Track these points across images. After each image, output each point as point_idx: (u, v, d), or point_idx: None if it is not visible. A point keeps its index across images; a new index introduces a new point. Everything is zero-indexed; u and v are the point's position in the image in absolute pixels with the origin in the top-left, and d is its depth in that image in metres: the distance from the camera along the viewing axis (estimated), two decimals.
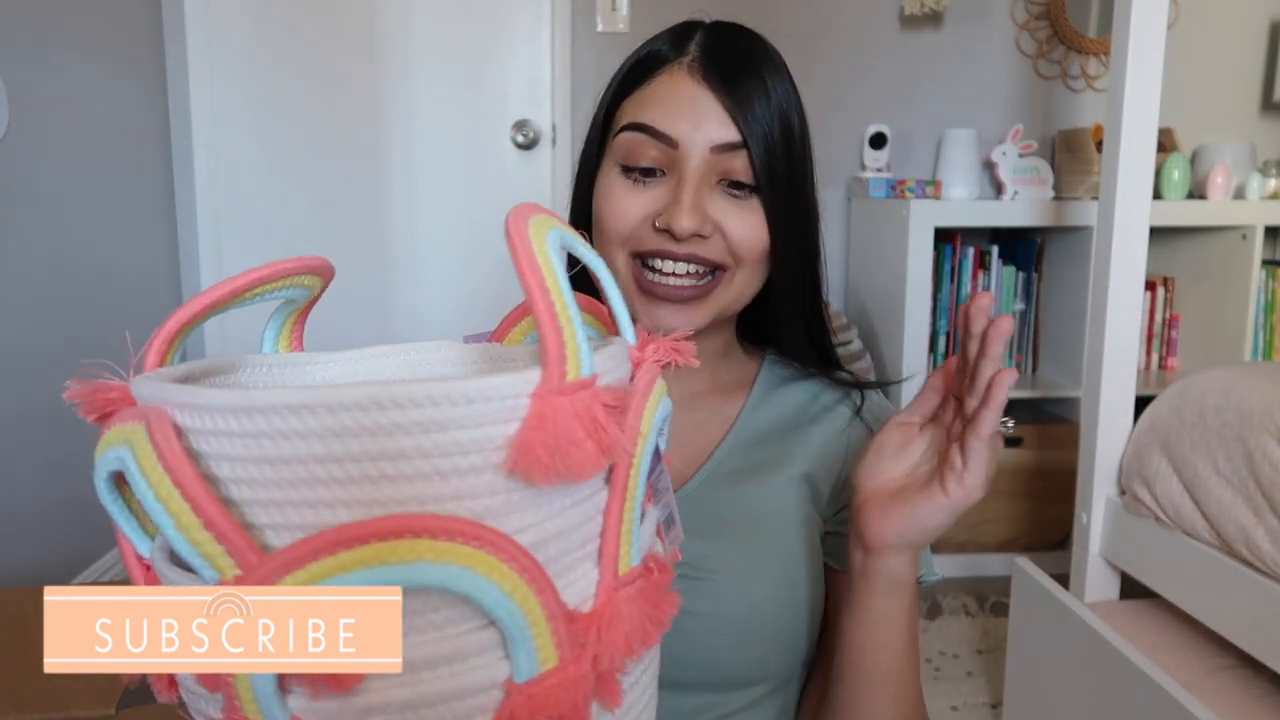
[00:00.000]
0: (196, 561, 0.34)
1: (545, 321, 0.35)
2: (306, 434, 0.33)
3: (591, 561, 0.39)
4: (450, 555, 0.33)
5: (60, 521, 1.79)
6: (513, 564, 0.34)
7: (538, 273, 0.36)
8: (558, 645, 0.36)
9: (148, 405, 0.36)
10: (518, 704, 0.35)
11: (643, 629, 0.39)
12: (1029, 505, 2.24)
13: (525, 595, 0.34)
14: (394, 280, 2.46)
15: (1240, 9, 2.53)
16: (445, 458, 0.34)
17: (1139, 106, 1.40)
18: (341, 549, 0.32)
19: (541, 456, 0.34)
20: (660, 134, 0.64)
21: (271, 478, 0.34)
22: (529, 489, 0.35)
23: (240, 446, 0.34)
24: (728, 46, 0.66)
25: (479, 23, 2.37)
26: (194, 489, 0.33)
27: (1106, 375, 1.46)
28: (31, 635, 1.19)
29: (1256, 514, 1.17)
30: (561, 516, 0.37)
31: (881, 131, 2.32)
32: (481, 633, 0.35)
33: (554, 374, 0.35)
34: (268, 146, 2.35)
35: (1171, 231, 2.30)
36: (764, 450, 0.72)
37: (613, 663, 0.38)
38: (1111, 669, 1.24)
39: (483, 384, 0.34)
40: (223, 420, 0.34)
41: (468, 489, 0.34)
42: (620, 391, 0.38)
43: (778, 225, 0.66)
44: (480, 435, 0.34)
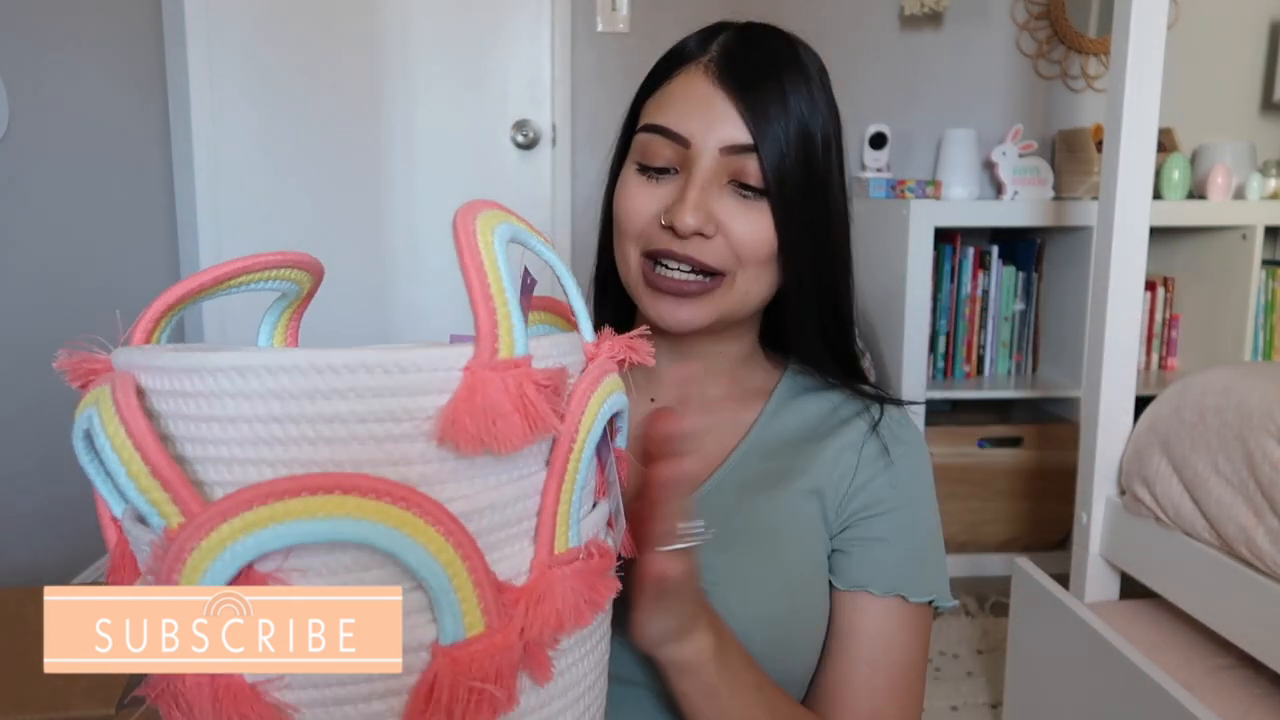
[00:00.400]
0: (145, 509, 0.36)
1: (479, 300, 0.38)
2: (250, 394, 0.35)
3: (528, 539, 0.40)
4: (378, 514, 0.34)
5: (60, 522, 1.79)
6: (439, 528, 0.35)
7: (476, 257, 0.38)
8: (484, 612, 0.37)
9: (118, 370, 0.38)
10: (443, 666, 0.36)
11: (576, 607, 0.40)
12: (1029, 505, 2.24)
13: (451, 559, 0.36)
14: (394, 280, 2.46)
15: (1240, 9, 2.53)
16: (379, 423, 0.36)
17: (1139, 106, 1.40)
18: (274, 500, 0.34)
19: (468, 426, 0.36)
20: (673, 134, 0.65)
21: (219, 436, 0.36)
22: (461, 460, 0.37)
23: (192, 406, 0.36)
24: (750, 48, 0.66)
25: (479, 23, 2.37)
26: (144, 439, 0.35)
27: (1106, 375, 1.46)
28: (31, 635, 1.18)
29: (1256, 514, 1.17)
30: (495, 491, 0.39)
31: (881, 131, 2.32)
32: (410, 594, 0.36)
33: (485, 350, 0.37)
34: (268, 146, 2.35)
35: (1171, 231, 2.30)
36: (777, 461, 0.70)
37: (541, 636, 0.39)
38: (1111, 669, 1.24)
39: (415, 355, 0.36)
40: (177, 380, 0.36)
41: (401, 455, 0.36)
42: (556, 373, 0.40)
43: (787, 231, 0.65)
44: (412, 404, 0.36)
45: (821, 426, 0.72)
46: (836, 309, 0.71)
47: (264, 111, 2.34)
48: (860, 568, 0.66)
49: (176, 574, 0.34)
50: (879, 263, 2.22)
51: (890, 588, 0.66)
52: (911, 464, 0.70)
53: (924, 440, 0.73)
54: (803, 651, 0.67)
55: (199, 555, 0.34)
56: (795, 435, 0.71)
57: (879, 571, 0.66)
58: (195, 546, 0.34)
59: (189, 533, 0.34)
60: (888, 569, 0.66)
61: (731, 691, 0.57)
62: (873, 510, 0.68)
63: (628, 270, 0.68)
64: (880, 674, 0.65)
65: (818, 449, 0.70)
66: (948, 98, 2.49)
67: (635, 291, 0.68)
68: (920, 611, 0.67)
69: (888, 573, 0.66)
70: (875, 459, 0.69)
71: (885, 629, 0.66)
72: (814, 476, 0.69)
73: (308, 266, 0.49)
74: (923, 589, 0.67)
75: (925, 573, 0.68)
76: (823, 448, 0.70)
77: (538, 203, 2.41)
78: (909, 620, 0.67)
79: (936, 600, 0.67)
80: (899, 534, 0.67)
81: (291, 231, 2.39)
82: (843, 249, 0.70)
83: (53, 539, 1.80)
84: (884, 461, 0.69)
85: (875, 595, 0.65)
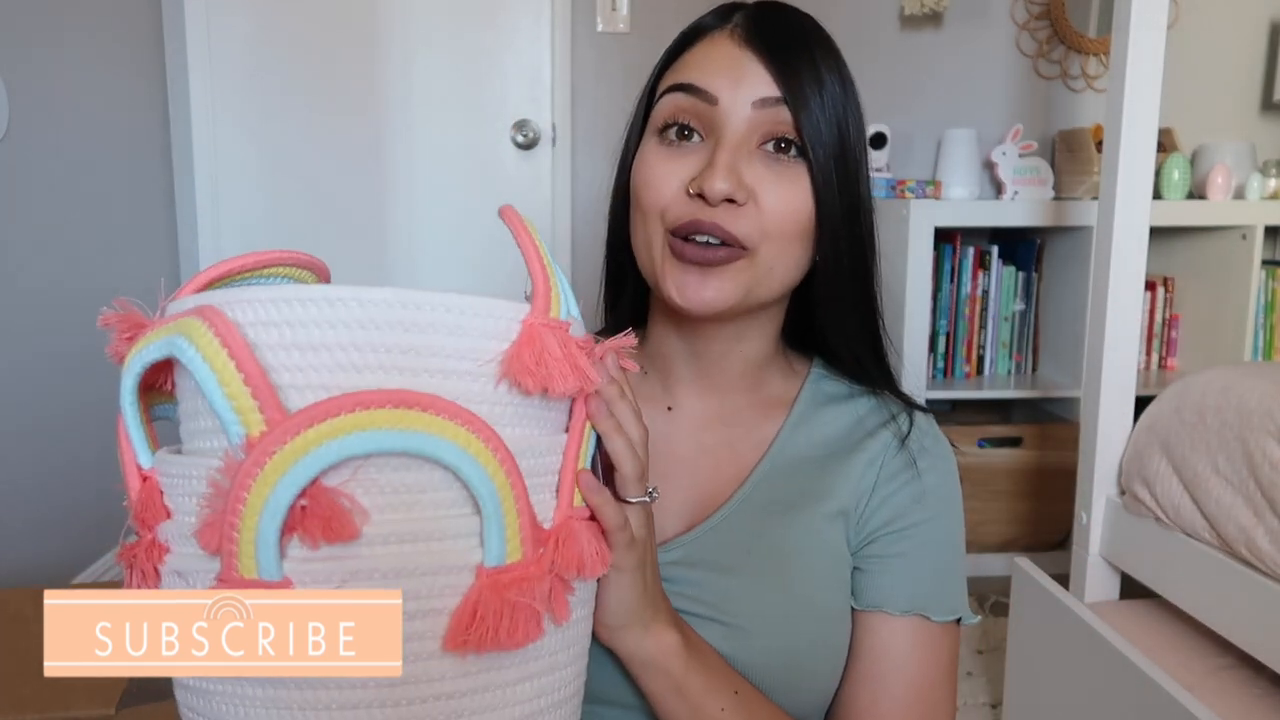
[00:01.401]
0: (229, 417, 0.37)
1: (536, 270, 0.45)
2: (336, 323, 0.39)
3: (550, 492, 0.45)
4: (449, 433, 0.38)
5: (60, 523, 1.79)
6: (496, 454, 0.40)
7: (531, 237, 0.46)
8: (523, 542, 0.41)
9: (199, 306, 0.40)
10: (485, 586, 0.40)
11: (591, 556, 0.45)
12: (1029, 505, 2.24)
13: (503, 483, 0.40)
14: (394, 280, 2.46)
15: (1240, 9, 2.53)
16: (449, 359, 0.41)
17: (1139, 106, 1.40)
18: (359, 408, 0.37)
19: (530, 366, 0.42)
20: (699, 90, 0.61)
21: (302, 363, 0.39)
22: (510, 405, 0.43)
23: (277, 334, 0.39)
24: (774, 17, 0.64)
25: (479, 23, 2.37)
26: (240, 350, 0.37)
27: (1106, 375, 1.46)
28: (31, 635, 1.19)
29: (1256, 514, 1.17)
30: (533, 439, 0.44)
31: (881, 131, 2.32)
32: (465, 520, 0.41)
33: (540, 308, 0.44)
34: (268, 146, 2.35)
35: (1171, 231, 2.30)
36: (800, 481, 0.66)
37: (566, 572, 0.44)
38: (1111, 669, 1.24)
39: (487, 302, 0.42)
40: (264, 310, 0.39)
41: (464, 391, 0.41)
42: (589, 339, 0.47)
43: (825, 198, 0.61)
44: (479, 346, 0.42)
45: (847, 440, 0.68)
46: (869, 296, 0.68)
47: (264, 111, 2.34)
48: (878, 587, 0.63)
49: (251, 479, 0.36)
50: None
51: (909, 607, 0.62)
52: (939, 477, 0.66)
53: (952, 452, 0.69)
54: (825, 679, 0.64)
55: (279, 460, 0.36)
56: (819, 451, 0.67)
57: (897, 590, 0.63)
58: (277, 450, 0.36)
59: (273, 436, 0.36)
60: (906, 587, 0.63)
61: (705, 692, 0.56)
62: (894, 526, 0.64)
63: (651, 250, 0.63)
64: (898, 697, 0.61)
65: (842, 466, 0.66)
66: (948, 98, 2.49)
67: (657, 270, 0.62)
68: (944, 631, 0.64)
69: (907, 591, 0.63)
70: (899, 472, 0.65)
71: (903, 650, 0.62)
72: (839, 498, 0.65)
73: (315, 268, 0.52)
74: (945, 607, 0.63)
75: (949, 590, 0.64)
76: (847, 465, 0.66)
77: (538, 203, 2.41)
78: (931, 640, 0.63)
79: (963, 618, 0.64)
80: (921, 550, 0.64)
81: (291, 230, 2.39)
82: (873, 235, 0.67)
83: (53, 540, 1.80)
84: (908, 474, 0.65)
85: (893, 615, 0.62)
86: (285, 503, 0.36)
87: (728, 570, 0.62)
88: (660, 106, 0.63)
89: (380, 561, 0.38)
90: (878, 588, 0.63)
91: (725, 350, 0.68)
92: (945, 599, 0.63)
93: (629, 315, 0.74)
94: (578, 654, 0.49)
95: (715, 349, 0.68)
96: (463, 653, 0.40)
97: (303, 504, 0.36)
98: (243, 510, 0.36)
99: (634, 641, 0.54)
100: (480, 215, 2.41)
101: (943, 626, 0.63)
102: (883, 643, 0.62)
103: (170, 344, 0.38)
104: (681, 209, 0.60)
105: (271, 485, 0.36)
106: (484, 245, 2.39)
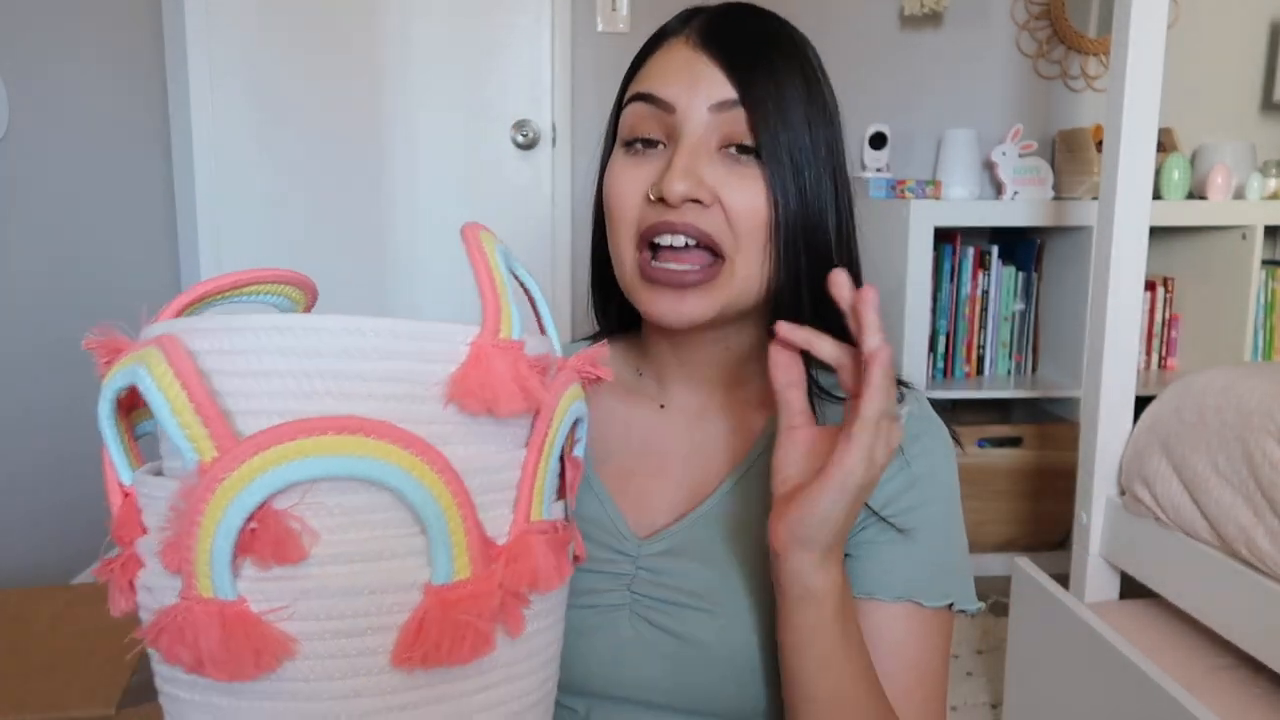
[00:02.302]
0: (182, 444, 0.39)
1: (486, 290, 0.45)
2: (286, 351, 0.40)
3: (509, 506, 0.46)
4: (393, 457, 0.39)
5: (60, 523, 1.79)
6: (441, 475, 0.41)
7: (484, 256, 0.45)
8: (472, 560, 0.42)
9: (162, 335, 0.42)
10: (432, 605, 0.41)
11: (546, 570, 0.45)
12: (1029, 505, 2.24)
13: (449, 504, 0.41)
14: (394, 280, 2.46)
15: (1240, 9, 2.53)
16: (397, 384, 0.42)
17: (1139, 106, 1.40)
18: (303, 436, 0.38)
19: (474, 389, 0.42)
20: (656, 99, 0.62)
21: (254, 390, 0.40)
22: (461, 425, 0.43)
23: (230, 362, 0.41)
24: (730, 19, 0.64)
25: (479, 23, 2.37)
26: (190, 379, 0.39)
27: (1106, 375, 1.46)
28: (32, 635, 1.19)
29: (1256, 514, 1.17)
30: (487, 457, 0.45)
31: (881, 131, 2.32)
32: (414, 539, 0.41)
33: (489, 330, 0.44)
34: (268, 146, 2.35)
35: (1171, 231, 2.30)
36: None
37: (518, 588, 0.44)
38: (1111, 669, 1.24)
39: (432, 327, 0.43)
40: (219, 339, 0.41)
41: (411, 414, 0.42)
42: (543, 358, 0.47)
43: (781, 193, 0.61)
44: (426, 370, 0.42)
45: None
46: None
47: (264, 111, 2.34)
48: (869, 574, 0.63)
49: (204, 504, 0.38)
50: (879, 263, 2.22)
51: (902, 593, 0.62)
52: (931, 463, 0.65)
53: (947, 436, 0.68)
54: None
55: (229, 485, 0.37)
56: None
57: (889, 577, 0.63)
58: (227, 476, 0.37)
59: (224, 463, 0.38)
60: (898, 574, 0.63)
61: (844, 635, 0.56)
62: (884, 513, 0.64)
63: (624, 269, 0.64)
64: (889, 682, 0.61)
65: None
66: (948, 98, 2.49)
67: (633, 291, 0.64)
68: (937, 617, 0.63)
69: (898, 578, 0.63)
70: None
71: (895, 637, 0.62)
72: None
73: (303, 285, 0.53)
74: (938, 593, 0.63)
75: (942, 576, 0.64)
76: None
77: (538, 202, 2.41)
78: (923, 626, 0.63)
79: (958, 603, 0.64)
80: (912, 536, 0.63)
81: (291, 231, 2.39)
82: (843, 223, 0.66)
83: (52, 540, 1.80)
84: (897, 463, 0.64)
85: (885, 602, 0.62)
86: (236, 526, 0.38)
87: (713, 561, 0.63)
88: (624, 117, 0.65)
89: (330, 580, 0.40)
90: (870, 575, 0.63)
91: (711, 351, 0.68)
92: (937, 585, 0.63)
93: (618, 319, 0.75)
94: (541, 663, 0.49)
95: (700, 352, 0.68)
96: (409, 668, 0.41)
97: (253, 527, 0.38)
98: (198, 533, 0.38)
99: (810, 566, 0.54)
100: (480, 215, 2.39)
101: (934, 612, 0.63)
102: (877, 630, 0.62)
103: (132, 373, 0.40)
104: (647, 215, 0.62)
105: (223, 509, 0.38)
106: None
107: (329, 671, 0.41)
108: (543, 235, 2.43)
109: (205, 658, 0.39)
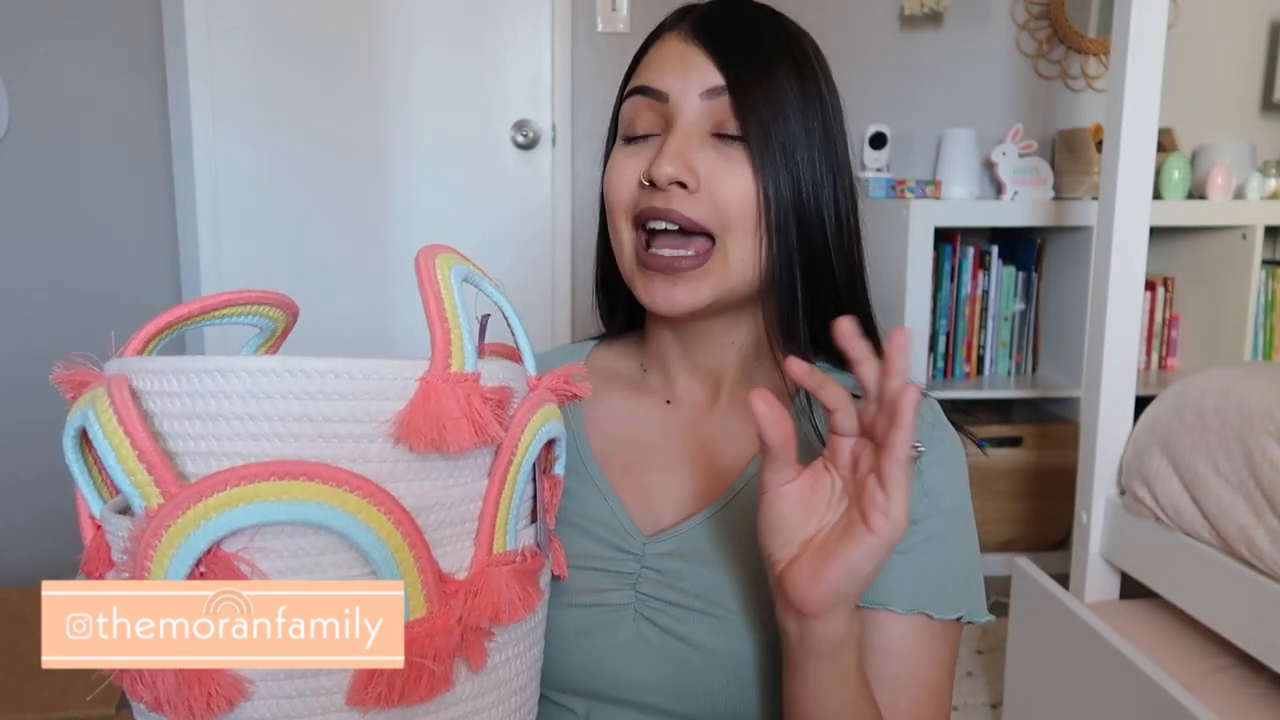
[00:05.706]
0: (130, 492, 0.39)
1: (435, 322, 0.44)
2: (230, 393, 0.40)
3: (470, 539, 0.45)
4: (338, 500, 0.39)
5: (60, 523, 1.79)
6: (390, 516, 0.40)
7: (434, 285, 0.44)
8: (427, 598, 0.41)
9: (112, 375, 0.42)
10: None
11: (510, 603, 0.45)
12: (1029, 505, 2.24)
13: (400, 545, 0.40)
14: (394, 280, 2.46)
15: (1240, 9, 2.53)
16: (343, 423, 0.41)
17: (1139, 106, 1.40)
18: (246, 482, 0.38)
19: (421, 427, 0.41)
20: (650, 90, 0.64)
21: (201, 432, 0.40)
22: (414, 461, 0.42)
23: (178, 404, 0.41)
24: (723, 11, 0.66)
25: (479, 23, 2.37)
26: (134, 427, 0.39)
27: (1106, 375, 1.46)
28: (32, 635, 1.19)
29: (1256, 514, 1.17)
30: (443, 492, 0.44)
31: (881, 131, 2.32)
32: (364, 579, 0.41)
33: (439, 364, 0.43)
34: (268, 146, 2.35)
35: (1171, 231, 2.30)
36: None
37: (478, 624, 0.43)
38: (1111, 669, 1.24)
39: (378, 364, 0.42)
40: (165, 381, 0.41)
41: (360, 453, 0.41)
42: (500, 390, 0.45)
43: (770, 180, 0.61)
44: (374, 408, 0.41)
45: None
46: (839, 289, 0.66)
47: (264, 111, 2.34)
48: (882, 584, 0.60)
49: (152, 550, 0.38)
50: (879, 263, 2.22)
51: (913, 605, 0.61)
52: (943, 472, 0.64)
53: (959, 443, 0.67)
54: None
55: (175, 531, 0.37)
56: (821, 445, 0.64)
57: (901, 588, 0.61)
58: (172, 523, 0.37)
59: (168, 510, 0.38)
60: (910, 584, 0.61)
61: (859, 682, 0.55)
62: None
63: (623, 256, 0.65)
64: (901, 696, 0.60)
65: None
66: (948, 98, 2.49)
67: (631, 278, 0.65)
68: (946, 629, 0.62)
69: (910, 589, 0.61)
70: None
71: (905, 649, 0.61)
72: None
73: (285, 307, 0.53)
74: (949, 606, 0.61)
75: (953, 588, 0.62)
76: None
77: (538, 203, 2.41)
78: (933, 639, 0.62)
79: (968, 615, 0.62)
80: (924, 547, 0.62)
81: (291, 232, 2.39)
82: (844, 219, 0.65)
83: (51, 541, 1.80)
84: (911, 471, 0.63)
85: (898, 614, 0.61)
86: (184, 570, 0.38)
87: (719, 564, 0.62)
88: (623, 111, 0.67)
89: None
90: (882, 585, 0.61)
91: (716, 344, 0.69)
92: (949, 597, 0.62)
93: (625, 317, 0.75)
94: (512, 690, 0.49)
95: (705, 344, 0.69)
96: (364, 709, 0.41)
97: (201, 570, 0.38)
98: (147, 577, 0.38)
99: (844, 622, 0.52)
100: (480, 215, 2.41)
101: (945, 625, 0.62)
102: (889, 641, 0.61)
103: (83, 416, 0.41)
104: (640, 200, 0.63)
105: (170, 555, 0.38)
106: (485, 246, 2.39)
107: (284, 712, 0.41)
108: (543, 235, 2.43)
109: (162, 699, 0.39)
